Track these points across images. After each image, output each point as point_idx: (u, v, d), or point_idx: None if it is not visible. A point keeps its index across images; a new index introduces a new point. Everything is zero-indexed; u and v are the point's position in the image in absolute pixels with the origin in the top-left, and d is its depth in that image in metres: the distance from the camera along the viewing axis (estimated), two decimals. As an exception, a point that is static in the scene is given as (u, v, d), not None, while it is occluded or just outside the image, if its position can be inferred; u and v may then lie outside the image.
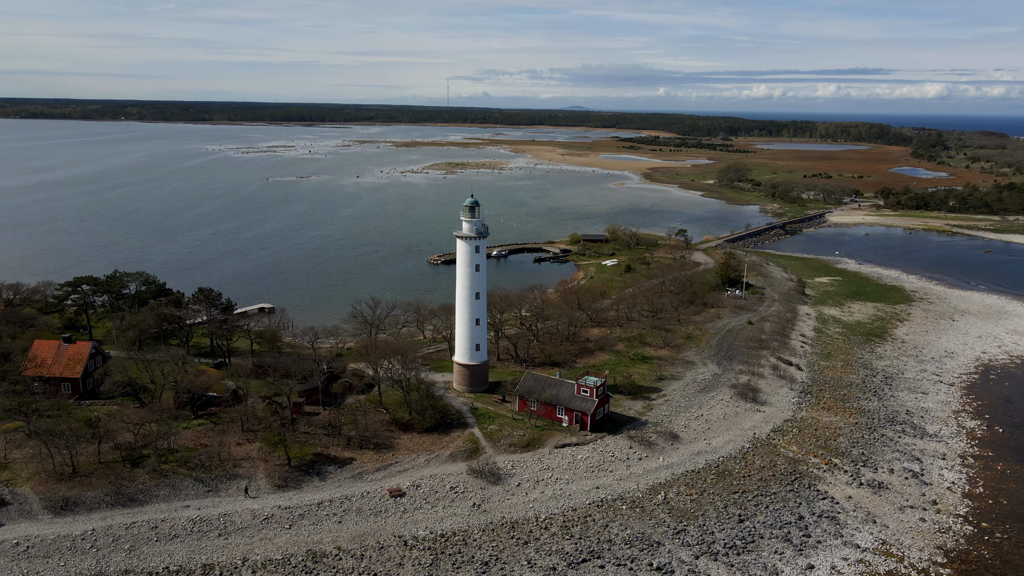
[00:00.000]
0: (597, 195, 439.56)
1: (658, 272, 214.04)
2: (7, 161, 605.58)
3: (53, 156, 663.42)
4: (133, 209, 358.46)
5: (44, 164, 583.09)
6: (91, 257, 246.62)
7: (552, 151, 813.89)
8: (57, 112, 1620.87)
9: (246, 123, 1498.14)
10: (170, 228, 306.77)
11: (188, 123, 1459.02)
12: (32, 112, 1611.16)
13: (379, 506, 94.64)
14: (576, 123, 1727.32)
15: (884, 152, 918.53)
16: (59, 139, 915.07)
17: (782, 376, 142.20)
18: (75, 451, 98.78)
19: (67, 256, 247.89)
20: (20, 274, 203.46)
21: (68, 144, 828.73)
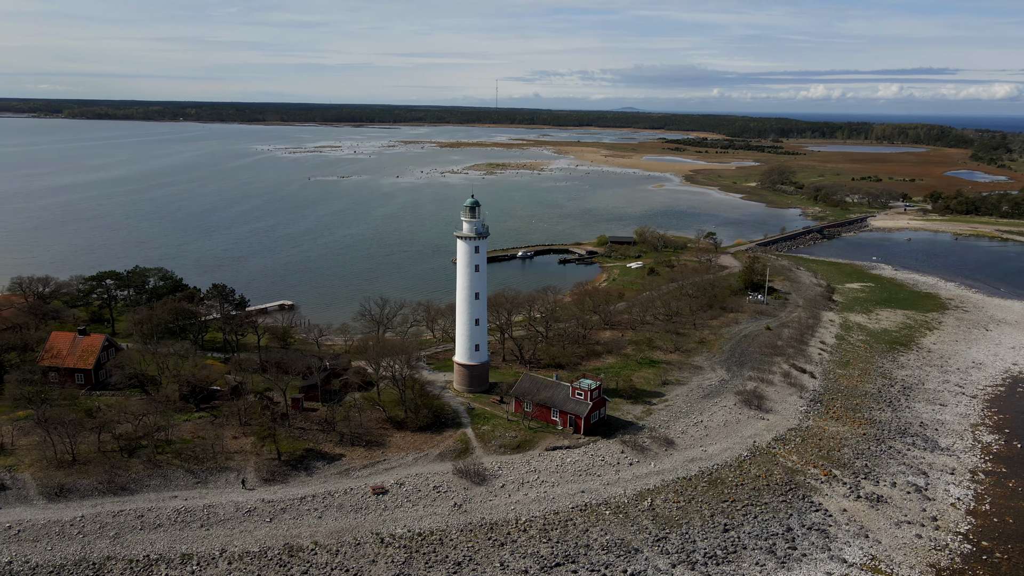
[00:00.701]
0: (634, 197, 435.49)
1: (680, 275, 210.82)
2: (68, 160, 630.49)
3: (110, 155, 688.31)
4: (176, 207, 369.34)
5: (101, 163, 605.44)
6: (129, 253, 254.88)
7: (596, 152, 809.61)
8: (120, 113, 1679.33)
9: (298, 124, 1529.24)
10: (208, 226, 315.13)
11: (243, 124, 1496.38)
12: (97, 113, 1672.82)
13: (361, 503, 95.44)
14: (624, 124, 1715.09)
15: (942, 155, 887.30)
16: (119, 139, 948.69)
17: (793, 384, 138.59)
18: (75, 440, 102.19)
19: (106, 252, 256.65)
20: (60, 268, 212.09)
21: (126, 144, 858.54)
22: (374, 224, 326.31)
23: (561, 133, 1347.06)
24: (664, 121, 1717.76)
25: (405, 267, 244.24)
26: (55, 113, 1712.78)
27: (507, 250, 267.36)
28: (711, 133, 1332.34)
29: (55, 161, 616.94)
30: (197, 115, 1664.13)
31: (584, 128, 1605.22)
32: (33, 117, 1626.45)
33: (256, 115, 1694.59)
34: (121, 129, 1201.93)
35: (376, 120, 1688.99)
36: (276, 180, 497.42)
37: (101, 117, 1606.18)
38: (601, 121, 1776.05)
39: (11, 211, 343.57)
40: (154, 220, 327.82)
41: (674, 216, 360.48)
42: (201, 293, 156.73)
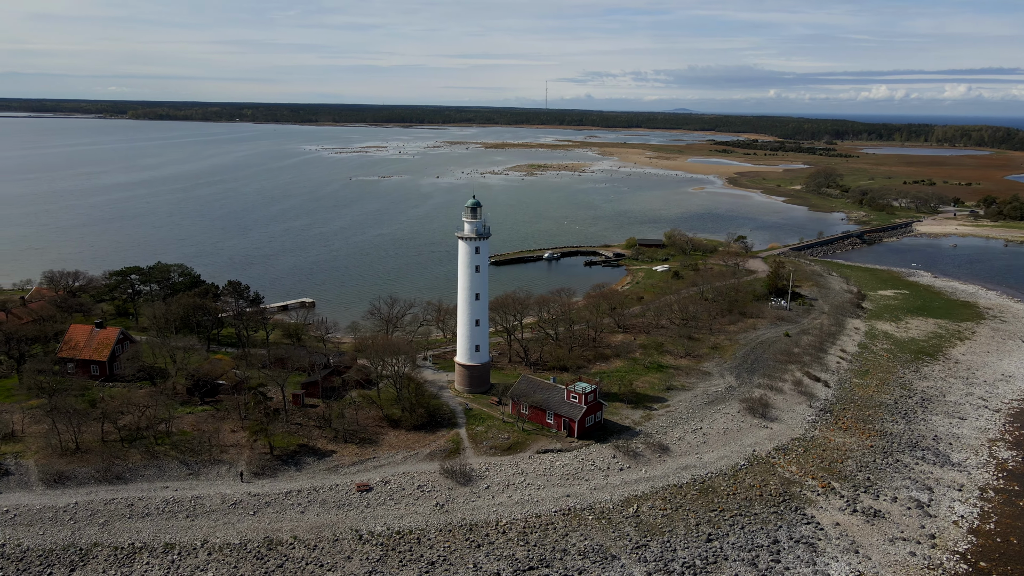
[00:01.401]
0: (672, 199, 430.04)
1: (704, 279, 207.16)
2: (125, 159, 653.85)
3: (165, 155, 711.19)
4: (219, 205, 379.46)
5: (155, 162, 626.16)
6: (167, 249, 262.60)
7: (640, 154, 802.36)
8: (181, 114, 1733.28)
9: (349, 124, 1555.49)
10: (246, 224, 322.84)
11: (296, 124, 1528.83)
12: (159, 114, 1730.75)
13: (344, 499, 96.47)
14: (674, 126, 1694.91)
15: (1005, 158, 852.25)
16: (175, 139, 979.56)
17: (803, 392, 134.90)
18: (79, 429, 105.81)
19: (145, 248, 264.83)
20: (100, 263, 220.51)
21: (182, 144, 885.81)
22: (407, 224, 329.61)
23: (609, 135, 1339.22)
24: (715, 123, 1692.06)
25: (431, 267, 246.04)
26: (120, 114, 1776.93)
27: (534, 251, 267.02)
28: (762, 135, 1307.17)
29: (112, 160, 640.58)
30: (253, 116, 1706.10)
31: (633, 130, 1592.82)
32: (100, 118, 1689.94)
33: (309, 116, 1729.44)
34: (179, 129, 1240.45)
35: (425, 121, 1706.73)
36: (318, 180, 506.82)
37: (162, 118, 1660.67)
38: (651, 123, 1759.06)
39: (63, 208, 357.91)
40: (196, 218, 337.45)
41: (710, 219, 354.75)
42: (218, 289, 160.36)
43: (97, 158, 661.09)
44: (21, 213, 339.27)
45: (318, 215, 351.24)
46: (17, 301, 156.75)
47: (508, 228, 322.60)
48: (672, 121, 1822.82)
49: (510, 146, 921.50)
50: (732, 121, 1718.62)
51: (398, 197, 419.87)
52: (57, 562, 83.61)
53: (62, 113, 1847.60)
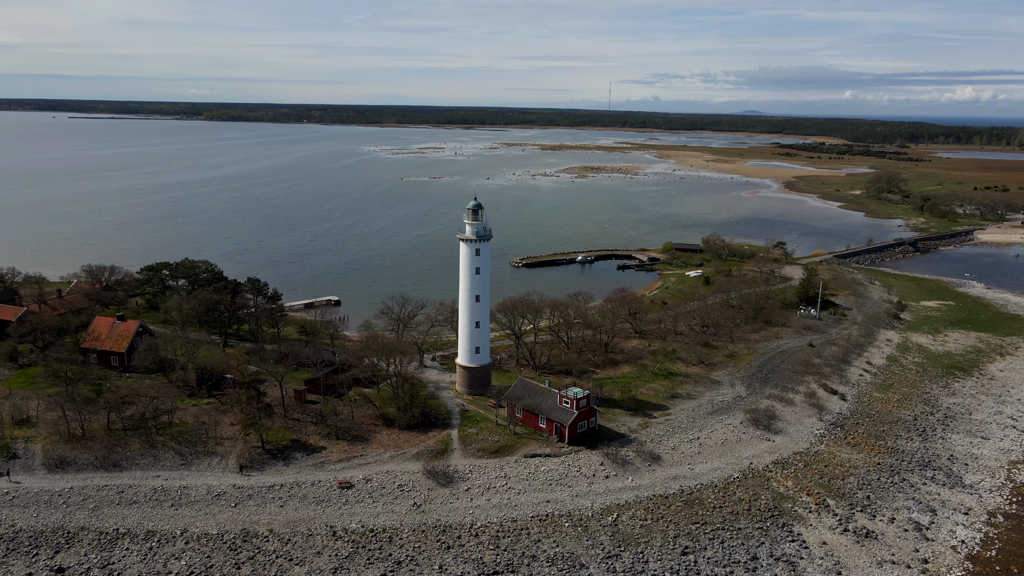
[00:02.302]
0: (722, 204, 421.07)
1: (733, 286, 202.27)
2: (191, 158, 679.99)
3: (230, 155, 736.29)
4: (271, 203, 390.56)
5: (219, 162, 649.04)
6: (212, 246, 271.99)
7: (699, 157, 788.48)
8: (252, 115, 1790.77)
9: (412, 126, 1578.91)
10: (292, 222, 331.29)
11: (361, 126, 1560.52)
12: (232, 115, 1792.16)
13: (324, 495, 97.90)
14: (740, 128, 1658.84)
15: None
16: (243, 139, 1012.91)
17: (815, 405, 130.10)
18: (85, 417, 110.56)
19: (191, 244, 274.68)
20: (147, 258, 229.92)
21: (248, 144, 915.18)
22: (447, 225, 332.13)
23: (670, 137, 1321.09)
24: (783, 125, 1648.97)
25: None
26: (196, 115, 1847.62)
27: (567, 254, 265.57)
28: (831, 138, 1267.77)
29: (180, 159, 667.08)
30: (320, 117, 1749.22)
31: (696, 132, 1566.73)
32: (177, 119, 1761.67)
33: (374, 118, 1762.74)
34: (248, 130, 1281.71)
35: (487, 122, 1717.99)
36: (370, 180, 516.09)
37: (235, 119, 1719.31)
38: (715, 125, 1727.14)
39: (125, 205, 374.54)
40: (246, 216, 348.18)
41: (757, 224, 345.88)
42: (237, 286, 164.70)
43: (166, 157, 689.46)
44: (86, 209, 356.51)
45: (362, 215, 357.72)
46: (54, 293, 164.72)
47: (548, 230, 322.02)
48: (738, 124, 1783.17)
49: (567, 148, 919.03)
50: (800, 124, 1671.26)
51: (444, 198, 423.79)
52: (45, 543, 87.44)
53: (144, 115, 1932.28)
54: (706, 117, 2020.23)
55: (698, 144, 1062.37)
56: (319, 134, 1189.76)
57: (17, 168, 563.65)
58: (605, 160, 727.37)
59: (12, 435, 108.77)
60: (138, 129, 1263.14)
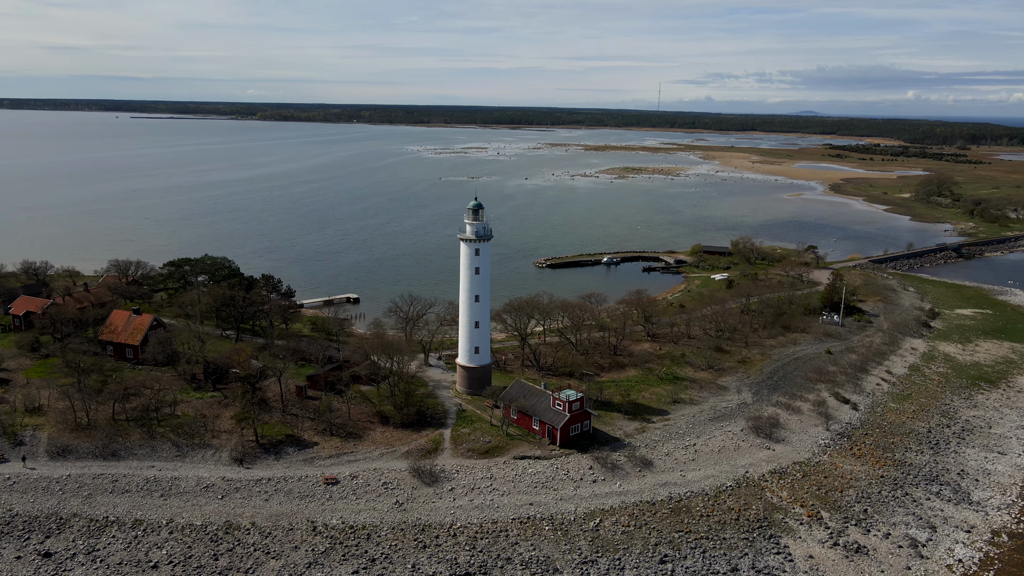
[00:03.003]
0: (761, 206, 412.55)
1: (757, 290, 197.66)
2: (238, 157, 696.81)
3: (276, 154, 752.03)
4: (309, 202, 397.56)
5: (264, 160, 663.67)
6: (245, 242, 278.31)
7: (745, 159, 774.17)
8: (304, 115, 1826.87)
9: (459, 126, 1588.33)
10: (326, 220, 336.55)
11: (408, 125, 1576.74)
12: (284, 115, 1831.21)
13: (310, 491, 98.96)
14: (792, 129, 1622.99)
15: None
16: (291, 139, 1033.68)
17: (823, 414, 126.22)
18: (91, 407, 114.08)
19: (225, 241, 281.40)
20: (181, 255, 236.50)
21: (294, 143, 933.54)
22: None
23: (719, 138, 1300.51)
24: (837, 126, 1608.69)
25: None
26: (250, 116, 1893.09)
27: (593, 255, 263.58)
28: (887, 139, 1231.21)
29: (227, 158, 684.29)
30: (369, 117, 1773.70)
31: (747, 133, 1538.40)
32: (231, 119, 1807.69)
33: (422, 118, 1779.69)
34: (298, 130, 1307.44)
35: (534, 123, 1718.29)
36: (409, 179, 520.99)
37: (287, 119, 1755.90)
38: (766, 126, 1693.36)
39: (169, 202, 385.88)
40: (282, 214, 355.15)
41: (795, 227, 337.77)
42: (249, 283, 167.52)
43: (215, 156, 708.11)
44: (132, 206, 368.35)
45: (395, 214, 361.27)
46: (80, 286, 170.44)
47: (579, 231, 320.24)
48: (790, 124, 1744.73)
49: (611, 149, 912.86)
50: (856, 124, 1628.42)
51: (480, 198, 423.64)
52: (37, 528, 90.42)
53: (201, 115, 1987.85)
54: (757, 118, 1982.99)
55: (746, 145, 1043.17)
56: (366, 134, 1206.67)
57: (76, 166, 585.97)
58: (648, 161, 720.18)
59: (22, 422, 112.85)
60: (193, 129, 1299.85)
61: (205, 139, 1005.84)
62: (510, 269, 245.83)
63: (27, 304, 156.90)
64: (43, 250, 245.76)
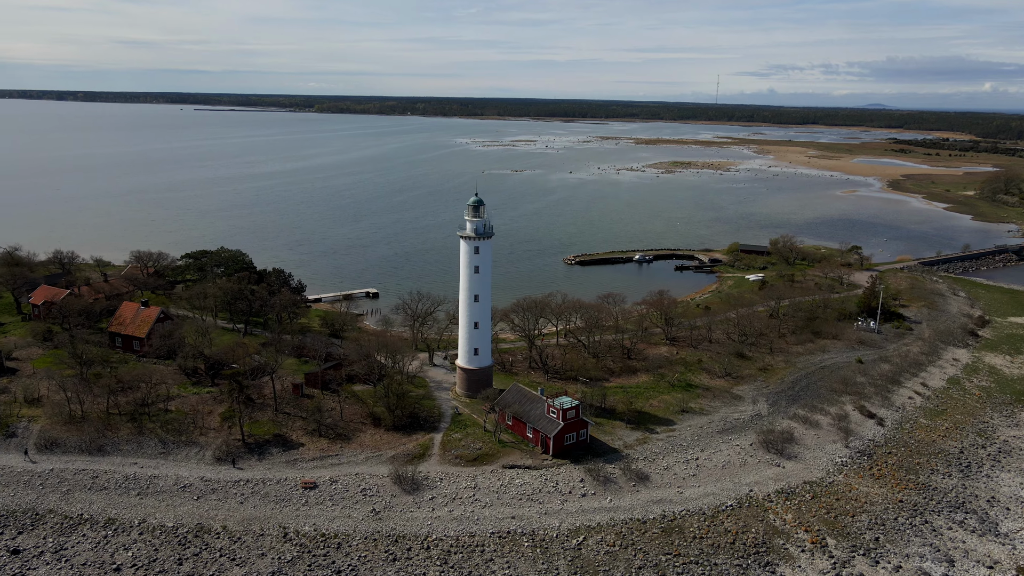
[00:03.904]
0: (811, 203, 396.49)
1: (792, 292, 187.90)
2: (288, 149, 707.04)
3: (326, 146, 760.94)
4: (348, 194, 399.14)
5: (313, 152, 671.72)
6: (278, 235, 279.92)
7: (801, 153, 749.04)
8: (360, 108, 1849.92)
9: (513, 118, 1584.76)
10: (361, 213, 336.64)
11: (462, 118, 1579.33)
12: (340, 108, 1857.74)
13: (287, 495, 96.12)
14: (856, 123, 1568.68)
15: None
16: (343, 131, 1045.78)
17: (844, 429, 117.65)
18: (88, 399, 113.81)
19: (259, 233, 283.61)
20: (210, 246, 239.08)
21: (346, 136, 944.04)
22: (512, 219, 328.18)
23: (777, 132, 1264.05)
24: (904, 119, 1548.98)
25: (516, 263, 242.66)
26: (308, 108, 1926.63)
27: (625, 252, 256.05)
28: (958, 133, 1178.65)
29: (278, 150, 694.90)
30: (424, 110, 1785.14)
31: (808, 126, 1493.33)
32: (290, 111, 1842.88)
33: (476, 110, 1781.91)
34: (352, 122, 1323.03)
35: (588, 116, 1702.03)
36: (451, 172, 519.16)
37: (343, 111, 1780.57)
38: (829, 119, 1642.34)
39: (213, 193, 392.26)
40: (320, 206, 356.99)
41: (843, 226, 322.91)
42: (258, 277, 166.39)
43: (266, 148, 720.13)
44: (177, 197, 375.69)
45: (431, 207, 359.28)
46: (100, 277, 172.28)
47: (616, 226, 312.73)
48: (855, 118, 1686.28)
49: (663, 142, 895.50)
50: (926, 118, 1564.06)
51: (518, 192, 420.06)
52: (12, 523, 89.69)
53: (261, 107, 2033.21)
54: (819, 111, 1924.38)
55: (805, 139, 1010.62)
56: (418, 126, 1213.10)
57: (132, 157, 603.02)
58: (698, 155, 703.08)
59: (20, 413, 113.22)
60: (251, 121, 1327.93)
61: (260, 131, 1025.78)
62: (538, 265, 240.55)
63: (46, 294, 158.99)
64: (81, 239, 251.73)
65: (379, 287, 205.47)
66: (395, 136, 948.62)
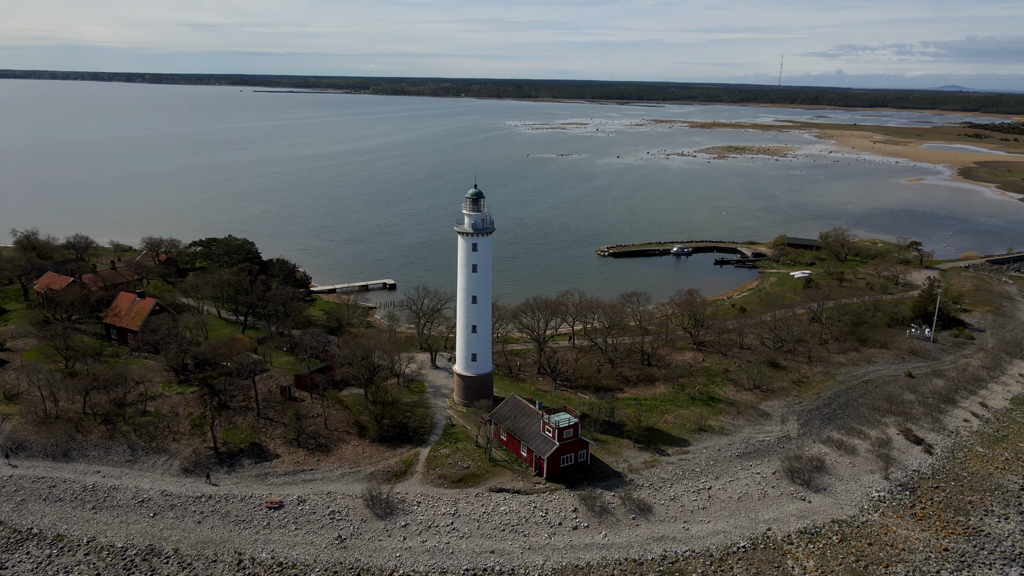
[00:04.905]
0: (871, 192, 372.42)
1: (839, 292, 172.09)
2: (335, 131, 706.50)
3: (374, 128, 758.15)
4: (385, 178, 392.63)
5: (359, 135, 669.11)
6: (307, 220, 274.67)
7: (866, 138, 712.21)
8: (414, 89, 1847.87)
9: (567, 100, 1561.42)
10: (396, 198, 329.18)
11: (516, 100, 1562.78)
12: (395, 89, 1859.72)
13: (249, 515, 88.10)
14: (929, 105, 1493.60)
15: None
16: (394, 113, 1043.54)
17: (884, 456, 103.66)
18: (58, 398, 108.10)
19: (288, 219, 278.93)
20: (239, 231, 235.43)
21: (396, 118, 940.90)
22: (549, 207, 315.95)
23: (842, 115, 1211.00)
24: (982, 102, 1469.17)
25: (544, 254, 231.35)
26: (363, 89, 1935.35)
27: (663, 244, 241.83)
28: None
29: (325, 132, 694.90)
30: (478, 92, 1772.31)
31: (876, 109, 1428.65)
32: (345, 93, 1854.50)
33: (531, 92, 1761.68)
34: (404, 104, 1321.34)
35: (645, 98, 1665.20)
36: (495, 156, 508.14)
37: (397, 93, 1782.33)
38: (899, 102, 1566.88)
39: (250, 176, 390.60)
40: (355, 190, 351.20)
41: (904, 218, 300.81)
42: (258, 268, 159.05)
43: (314, 130, 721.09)
44: (216, 179, 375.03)
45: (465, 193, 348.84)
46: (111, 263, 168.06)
47: (657, 215, 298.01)
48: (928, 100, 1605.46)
49: (719, 126, 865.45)
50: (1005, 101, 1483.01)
51: (561, 178, 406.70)
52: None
53: (318, 88, 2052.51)
54: (890, 93, 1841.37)
55: (872, 123, 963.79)
56: (470, 108, 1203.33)
57: (183, 138, 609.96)
58: (755, 140, 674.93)
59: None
60: (306, 102, 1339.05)
61: (311, 113, 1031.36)
62: (568, 257, 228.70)
63: (51, 281, 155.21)
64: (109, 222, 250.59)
65: (398, 278, 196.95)
66: (445, 118, 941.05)
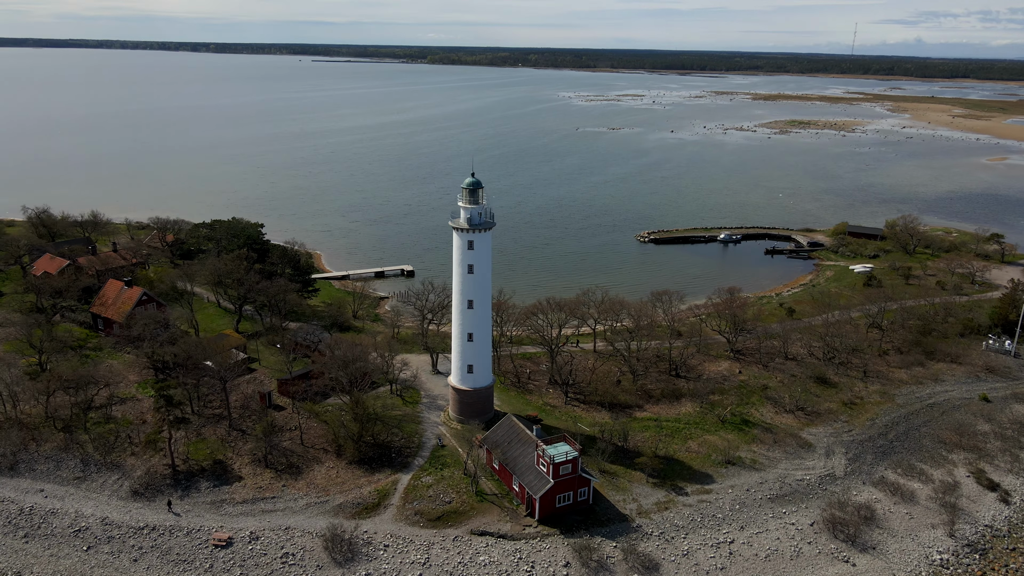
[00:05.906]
0: (947, 173, 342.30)
1: (905, 292, 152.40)
2: (385, 102, 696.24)
3: (425, 99, 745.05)
4: (427, 152, 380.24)
5: (409, 105, 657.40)
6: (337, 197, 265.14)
7: (944, 112, 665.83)
8: (471, 59, 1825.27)
9: (626, 71, 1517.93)
10: (433, 174, 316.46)
11: (574, 70, 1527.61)
12: (451, 59, 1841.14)
13: (191, 554, 77.05)
14: (1015, 77, 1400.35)
15: None
16: (447, 83, 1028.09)
17: (950, 506, 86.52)
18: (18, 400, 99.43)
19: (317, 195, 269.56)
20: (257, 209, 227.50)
21: (448, 88, 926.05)
22: (592, 185, 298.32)
23: (919, 86, 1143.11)
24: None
25: (581, 239, 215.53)
26: (420, 59, 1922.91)
27: (709, 229, 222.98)
28: None
29: (374, 103, 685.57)
30: (535, 61, 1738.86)
31: (956, 80, 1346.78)
32: (402, 62, 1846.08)
33: (589, 62, 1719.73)
34: (459, 74, 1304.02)
35: (708, 69, 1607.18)
36: (543, 129, 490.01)
37: (454, 63, 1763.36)
38: (982, 72, 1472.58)
39: (287, 149, 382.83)
40: (393, 164, 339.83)
41: (985, 203, 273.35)
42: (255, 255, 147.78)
43: (364, 100, 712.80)
44: (252, 152, 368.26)
45: (511, 168, 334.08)
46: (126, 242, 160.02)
47: (708, 196, 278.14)
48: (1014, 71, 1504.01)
49: (783, 98, 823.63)
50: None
51: (609, 153, 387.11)
52: None
53: (376, 58, 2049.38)
54: (972, 63, 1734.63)
55: (951, 96, 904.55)
56: (525, 79, 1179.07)
57: (231, 109, 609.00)
58: (821, 113, 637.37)
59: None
60: (361, 72, 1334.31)
61: (364, 83, 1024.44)
62: (605, 242, 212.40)
63: (48, 263, 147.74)
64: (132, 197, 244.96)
65: (418, 264, 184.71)
66: (497, 89, 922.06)
